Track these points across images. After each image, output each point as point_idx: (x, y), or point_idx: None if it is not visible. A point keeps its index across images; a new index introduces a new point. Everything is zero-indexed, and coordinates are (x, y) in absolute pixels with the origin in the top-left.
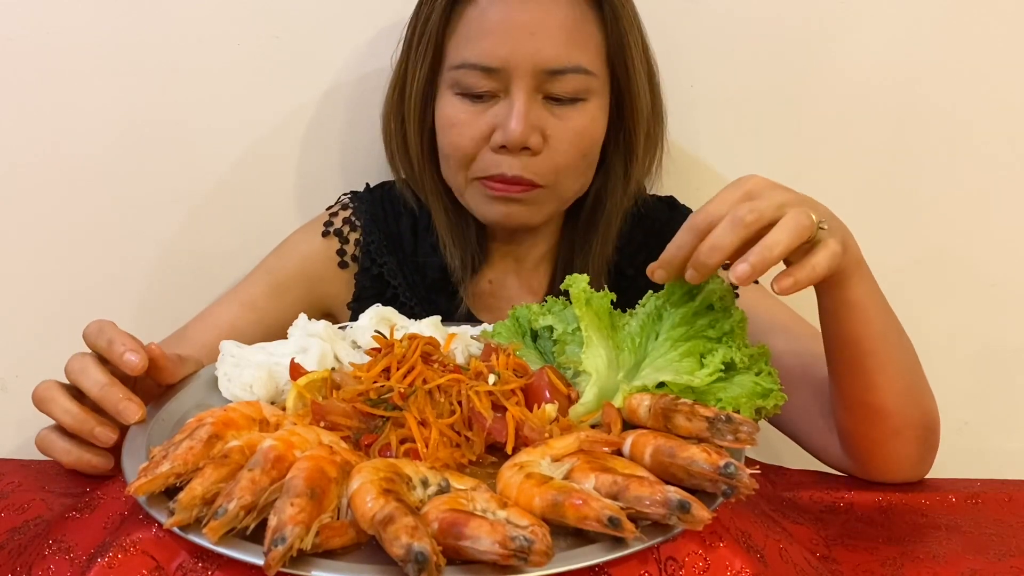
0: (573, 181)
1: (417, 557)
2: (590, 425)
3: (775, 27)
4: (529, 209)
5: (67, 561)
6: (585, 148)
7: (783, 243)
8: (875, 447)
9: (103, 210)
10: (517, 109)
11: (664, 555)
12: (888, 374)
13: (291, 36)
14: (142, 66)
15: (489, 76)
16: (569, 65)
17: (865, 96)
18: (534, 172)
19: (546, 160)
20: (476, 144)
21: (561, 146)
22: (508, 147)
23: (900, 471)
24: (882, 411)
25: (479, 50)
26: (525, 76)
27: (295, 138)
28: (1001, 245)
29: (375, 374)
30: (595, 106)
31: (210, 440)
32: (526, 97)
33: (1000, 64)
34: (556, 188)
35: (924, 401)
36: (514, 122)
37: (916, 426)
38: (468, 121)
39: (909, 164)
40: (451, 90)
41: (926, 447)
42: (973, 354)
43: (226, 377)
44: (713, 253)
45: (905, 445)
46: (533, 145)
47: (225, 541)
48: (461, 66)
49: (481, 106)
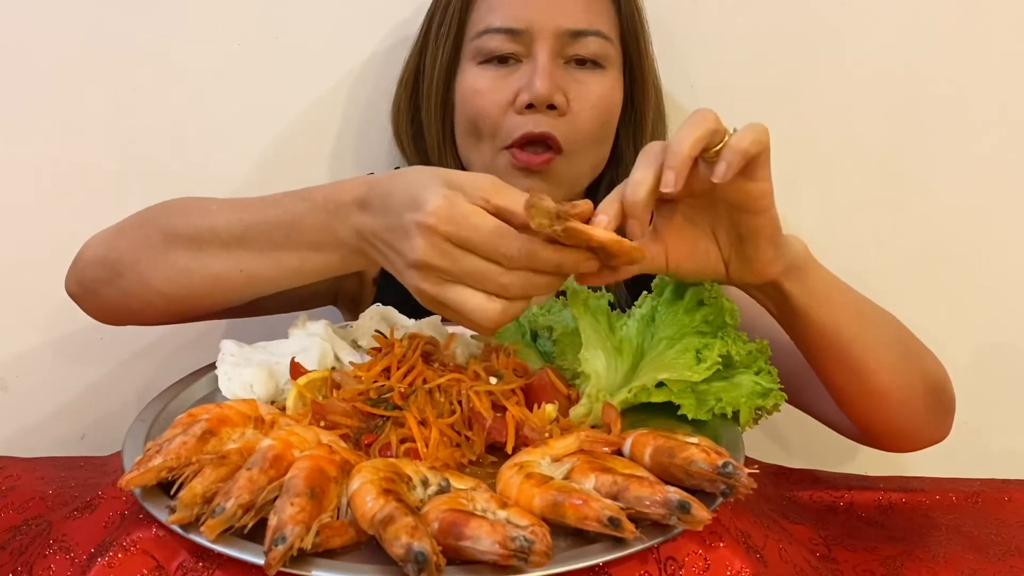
0: (591, 153)
1: (417, 557)
2: (590, 425)
3: (775, 27)
4: (548, 185)
5: (67, 560)
6: (604, 116)
7: (758, 142)
8: (887, 426)
9: (104, 210)
10: (542, 67)
11: (664, 555)
12: (877, 353)
13: (291, 37)
14: (142, 67)
15: (513, 39)
16: (590, 28)
17: (865, 96)
18: (560, 132)
19: (569, 123)
20: (501, 109)
21: (583, 111)
22: (535, 103)
23: (919, 440)
24: (882, 392)
25: (503, 14)
26: (548, 37)
27: (295, 139)
28: (1001, 245)
29: (375, 374)
30: (613, 75)
31: (204, 436)
32: (549, 57)
33: (1001, 63)
34: (574, 159)
35: (923, 365)
36: (539, 79)
37: (921, 393)
38: (492, 87)
39: (909, 164)
40: (473, 61)
41: (940, 410)
42: (973, 354)
43: (226, 376)
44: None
45: (915, 415)
46: (559, 103)
47: (225, 540)
48: (485, 31)
49: (504, 71)
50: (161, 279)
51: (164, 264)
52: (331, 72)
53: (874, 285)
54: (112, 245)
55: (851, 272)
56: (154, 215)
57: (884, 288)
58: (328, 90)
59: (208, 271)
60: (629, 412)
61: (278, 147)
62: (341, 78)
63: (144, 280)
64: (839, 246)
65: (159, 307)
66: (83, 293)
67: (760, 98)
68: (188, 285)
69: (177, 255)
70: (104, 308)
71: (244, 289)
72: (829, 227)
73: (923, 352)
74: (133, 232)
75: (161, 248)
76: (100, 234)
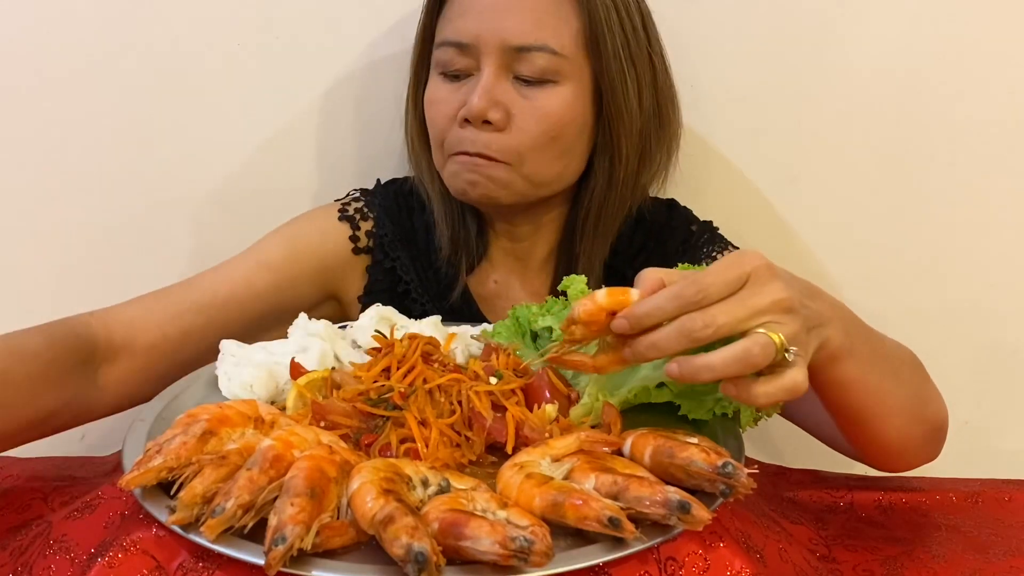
0: (544, 165)
1: (417, 557)
2: (590, 425)
3: (775, 27)
4: (494, 183)
5: (67, 561)
6: (554, 131)
7: (717, 371)
8: (881, 461)
9: (105, 212)
10: (482, 83)
11: (664, 555)
12: (892, 420)
13: (291, 37)
14: (142, 67)
15: (462, 52)
16: (535, 43)
17: (866, 96)
18: (496, 149)
19: (509, 138)
20: (448, 121)
21: (526, 125)
22: (470, 120)
23: (909, 466)
24: (886, 442)
25: (453, 27)
26: (493, 52)
27: (296, 139)
28: (1002, 244)
29: (375, 374)
30: (568, 90)
31: (204, 436)
32: (492, 73)
33: (1002, 63)
34: (522, 168)
35: (928, 412)
36: (476, 95)
37: (921, 436)
38: (444, 99)
39: (910, 164)
40: (435, 71)
41: (933, 443)
42: (973, 354)
43: (226, 376)
44: (651, 351)
45: (911, 453)
46: (494, 120)
47: (225, 540)
48: (441, 44)
49: (457, 84)
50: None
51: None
52: (331, 72)
53: (875, 284)
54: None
55: (852, 271)
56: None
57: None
58: (328, 90)
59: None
60: (629, 412)
61: (278, 147)
62: (341, 78)
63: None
64: (839, 245)
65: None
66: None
67: (760, 98)
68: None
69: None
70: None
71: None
72: (829, 226)
73: (931, 397)
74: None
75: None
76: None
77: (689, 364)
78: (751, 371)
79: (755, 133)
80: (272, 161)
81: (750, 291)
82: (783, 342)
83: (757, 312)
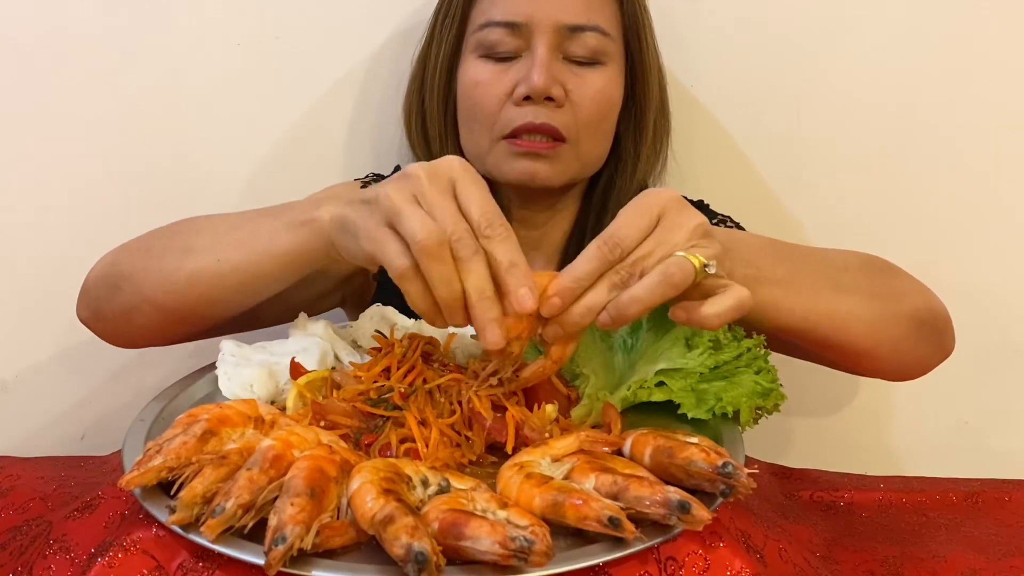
0: (594, 143)
1: (417, 557)
2: (590, 425)
3: (774, 27)
4: (553, 167)
5: (67, 561)
6: (604, 109)
7: (643, 300)
8: (883, 372)
9: (105, 211)
10: (539, 60)
11: (664, 555)
12: (853, 328)
13: (291, 36)
14: (143, 67)
15: (512, 33)
16: (588, 23)
17: (865, 95)
18: (560, 122)
19: (569, 113)
20: (499, 101)
21: (583, 102)
22: (532, 96)
23: (923, 369)
24: (866, 351)
25: (504, 8)
26: (547, 32)
27: (296, 138)
28: (1001, 244)
29: (375, 374)
30: (612, 71)
31: (204, 436)
32: (547, 51)
33: (1000, 66)
34: (578, 147)
35: (903, 307)
36: (536, 72)
37: (908, 334)
38: (491, 80)
39: (909, 164)
40: (474, 53)
41: (935, 336)
42: (973, 354)
43: (226, 376)
44: (587, 315)
45: (908, 354)
46: (556, 95)
47: (225, 540)
48: (486, 25)
49: (504, 65)
50: (150, 286)
51: (155, 270)
52: (331, 71)
53: None
54: (114, 259)
55: None
56: (158, 231)
57: None
58: (328, 89)
59: (187, 268)
60: (629, 412)
61: (279, 147)
62: (341, 77)
63: (137, 289)
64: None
65: (155, 320)
66: (90, 315)
67: (759, 98)
68: (174, 289)
69: (167, 261)
70: (109, 328)
71: (223, 284)
72: (829, 226)
73: (904, 291)
74: (134, 244)
75: (156, 256)
76: (105, 254)
77: (615, 305)
78: (676, 292)
79: (755, 133)
80: (273, 161)
81: (664, 228)
82: (701, 261)
83: (676, 246)
